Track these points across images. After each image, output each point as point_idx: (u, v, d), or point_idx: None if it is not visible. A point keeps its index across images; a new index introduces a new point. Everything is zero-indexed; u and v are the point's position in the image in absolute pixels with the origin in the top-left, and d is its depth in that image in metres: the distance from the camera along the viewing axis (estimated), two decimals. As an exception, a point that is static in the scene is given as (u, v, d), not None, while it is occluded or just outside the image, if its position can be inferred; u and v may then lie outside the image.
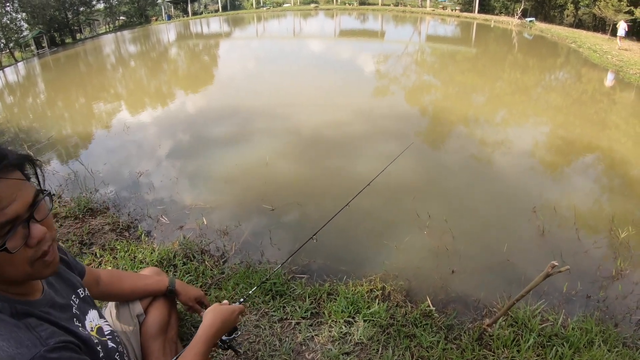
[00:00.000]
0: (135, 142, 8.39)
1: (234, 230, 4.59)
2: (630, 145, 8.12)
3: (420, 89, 13.24)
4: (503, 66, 16.73)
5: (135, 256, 4.04)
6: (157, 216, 5.07)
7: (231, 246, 4.23)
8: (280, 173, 6.35)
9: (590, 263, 4.21)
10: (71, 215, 4.92)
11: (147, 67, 20.25)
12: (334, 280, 3.55)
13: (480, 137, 8.26)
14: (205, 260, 3.95)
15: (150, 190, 5.91)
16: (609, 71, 15.47)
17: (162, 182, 6.16)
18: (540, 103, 11.27)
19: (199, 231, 4.57)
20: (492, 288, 3.59)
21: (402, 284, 3.46)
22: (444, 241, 4.29)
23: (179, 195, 5.69)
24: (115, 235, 4.71)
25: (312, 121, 8.97)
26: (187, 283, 2.69)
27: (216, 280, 3.61)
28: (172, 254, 4.05)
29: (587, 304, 3.68)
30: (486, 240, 4.52)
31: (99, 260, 4.02)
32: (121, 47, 31.75)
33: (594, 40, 21.01)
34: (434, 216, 4.79)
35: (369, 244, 4.38)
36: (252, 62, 18.92)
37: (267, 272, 3.53)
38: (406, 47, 21.79)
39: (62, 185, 6.18)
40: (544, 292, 3.64)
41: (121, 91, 14.76)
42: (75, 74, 20.72)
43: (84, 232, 4.53)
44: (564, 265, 2.30)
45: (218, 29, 38.19)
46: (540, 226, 4.68)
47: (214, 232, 4.56)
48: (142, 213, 5.23)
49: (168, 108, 11.33)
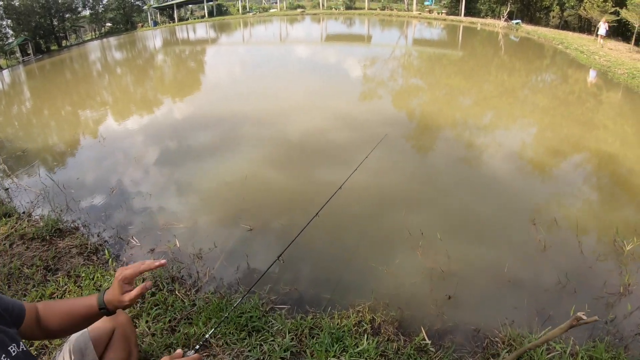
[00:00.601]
0: (111, 155, 7.97)
1: (209, 253, 4.20)
2: (633, 151, 7.75)
3: (407, 93, 12.97)
4: (491, 69, 16.57)
5: (100, 285, 3.69)
6: (128, 238, 4.67)
7: (205, 272, 3.84)
8: (260, 188, 5.95)
9: (596, 280, 3.90)
10: (38, 237, 4.58)
11: (131, 75, 19.78)
12: (317, 311, 3.18)
13: (472, 143, 7.93)
14: (176, 289, 3.57)
15: (122, 207, 5.51)
16: (596, 71, 15.37)
17: (135, 198, 5.76)
18: (531, 106, 11.03)
19: (170, 255, 4.18)
20: (493, 314, 3.26)
21: (393, 315, 3.10)
22: (439, 262, 3.92)
23: (152, 213, 5.29)
24: (83, 259, 4.37)
25: (297, 129, 8.61)
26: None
27: (186, 314, 3.23)
28: (139, 281, 3.69)
29: (595, 327, 3.37)
30: (484, 259, 4.17)
31: (62, 289, 3.67)
32: (107, 54, 31.22)
33: (581, 42, 21.02)
34: (427, 233, 4.43)
35: (355, 268, 3.99)
36: (237, 69, 18.54)
37: (242, 304, 3.16)
38: (393, 51, 21.60)
39: (33, 202, 5.80)
40: (549, 317, 3.32)
41: (103, 100, 14.27)
42: (59, 82, 20.14)
43: (49, 257, 4.19)
44: (589, 316, 1.97)
45: (204, 35, 37.79)
46: (541, 240, 4.35)
47: (187, 255, 4.17)
48: (112, 234, 4.84)
49: (149, 117, 10.91)
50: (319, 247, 4.19)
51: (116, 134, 9.40)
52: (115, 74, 20.29)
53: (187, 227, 4.79)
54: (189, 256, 4.14)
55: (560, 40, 21.87)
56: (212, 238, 4.43)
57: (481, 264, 4.06)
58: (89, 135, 9.60)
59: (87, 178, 6.82)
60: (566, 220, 4.86)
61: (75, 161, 7.94)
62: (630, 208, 5.57)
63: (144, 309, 3.37)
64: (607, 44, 20.22)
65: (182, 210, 5.34)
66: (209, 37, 35.90)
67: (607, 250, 4.37)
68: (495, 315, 3.24)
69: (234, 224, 4.81)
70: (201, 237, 4.54)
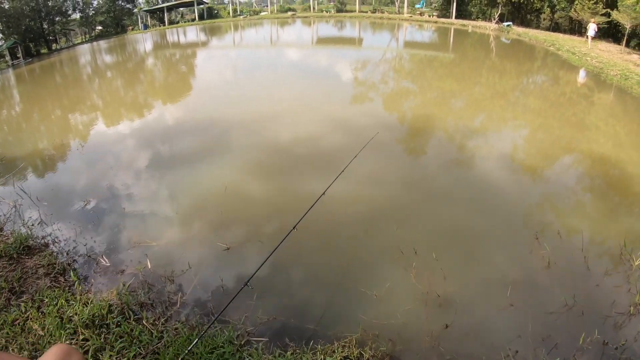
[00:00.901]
0: (89, 165, 7.57)
1: (182, 276, 3.83)
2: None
3: (398, 96, 12.67)
4: (482, 71, 16.34)
5: (64, 312, 3.38)
6: (98, 257, 4.30)
7: (176, 298, 3.48)
8: (241, 200, 5.53)
9: (604, 299, 3.61)
10: (6, 255, 4.36)
11: (120, 79, 19.30)
12: (299, 346, 2.83)
13: (467, 149, 7.58)
14: (144, 317, 3.22)
15: (95, 222, 5.14)
16: (587, 72, 15.20)
17: (110, 213, 5.39)
18: (526, 108, 10.76)
19: (141, 277, 3.81)
20: (495, 344, 2.94)
21: (383, 349, 2.76)
22: (434, 284, 3.55)
23: (125, 229, 4.91)
24: (49, 280, 4.13)
25: (283, 135, 8.25)
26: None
27: (153, 348, 2.88)
28: (105, 309, 3.34)
29: (604, 352, 3.07)
30: (484, 281, 3.81)
31: (25, 316, 3.43)
32: (97, 57, 30.71)
33: (572, 43, 20.90)
34: (421, 251, 4.03)
35: (342, 292, 3.62)
36: (226, 72, 18.16)
37: (215, 336, 2.80)
38: (384, 53, 21.34)
39: (5, 215, 5.47)
40: (555, 345, 3.01)
41: (89, 105, 13.76)
42: (49, 86, 19.50)
43: (15, 278, 3.97)
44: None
45: (195, 38, 37.34)
46: (545, 257, 4.02)
47: (158, 278, 3.80)
48: (82, 252, 4.48)
49: (132, 125, 10.47)
50: (302, 269, 3.84)
51: (97, 143, 8.99)
52: (105, 78, 19.82)
53: (160, 246, 4.41)
54: (160, 279, 3.77)
55: (551, 42, 21.75)
56: (186, 258, 4.05)
57: (481, 286, 3.70)
58: (69, 143, 9.18)
59: (63, 189, 6.45)
60: (571, 233, 4.54)
61: (53, 171, 7.55)
62: (638, 218, 5.26)
63: (108, 341, 3.03)
64: (598, 45, 20.11)
65: (156, 226, 4.96)
66: (200, 40, 35.47)
67: (614, 264, 4.07)
68: (497, 344, 2.93)
69: (210, 243, 4.43)
70: (175, 257, 4.16)
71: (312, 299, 3.49)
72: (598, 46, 19.96)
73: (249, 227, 4.79)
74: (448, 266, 3.80)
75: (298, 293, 3.56)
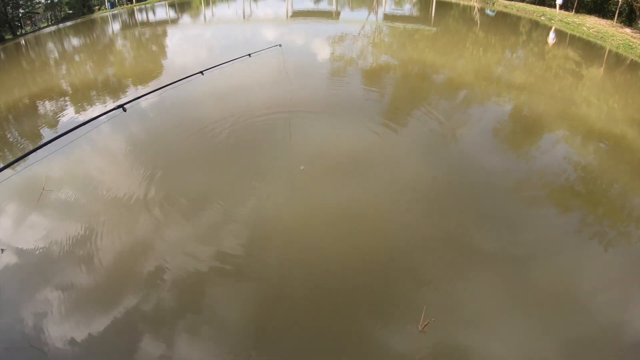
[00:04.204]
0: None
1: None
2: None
3: (378, 70, 11.49)
4: (492, 42, 15.21)
5: None
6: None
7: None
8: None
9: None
10: None
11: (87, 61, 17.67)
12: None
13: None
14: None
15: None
16: (590, 43, 14.46)
17: None
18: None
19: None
20: None
21: None
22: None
23: None
24: None
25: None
26: None
27: None
28: None
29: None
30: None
31: None
32: (63, 40, 28.75)
33: (560, 14, 19.93)
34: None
35: None
36: (193, 52, 16.67)
37: None
38: (362, 27, 19.99)
39: None
40: None
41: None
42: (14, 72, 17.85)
43: None
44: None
45: (164, 15, 35.33)
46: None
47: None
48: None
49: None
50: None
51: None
52: (72, 61, 18.14)
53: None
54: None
55: (542, 13, 20.65)
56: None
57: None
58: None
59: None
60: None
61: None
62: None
63: None
64: (587, 19, 19.19)
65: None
66: (169, 17, 33.50)
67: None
68: None
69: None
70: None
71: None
72: (587, 20, 19.00)
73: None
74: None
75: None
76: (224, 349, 4.52)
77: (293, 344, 4.57)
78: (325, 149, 7.94)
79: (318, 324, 4.80)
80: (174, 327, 4.75)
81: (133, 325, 4.81)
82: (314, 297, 5.07)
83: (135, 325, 4.81)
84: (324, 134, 8.49)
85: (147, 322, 4.85)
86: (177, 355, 4.49)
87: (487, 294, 5.06)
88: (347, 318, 4.79)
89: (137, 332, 4.75)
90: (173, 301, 5.07)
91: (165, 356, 4.44)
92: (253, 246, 5.83)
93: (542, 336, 4.47)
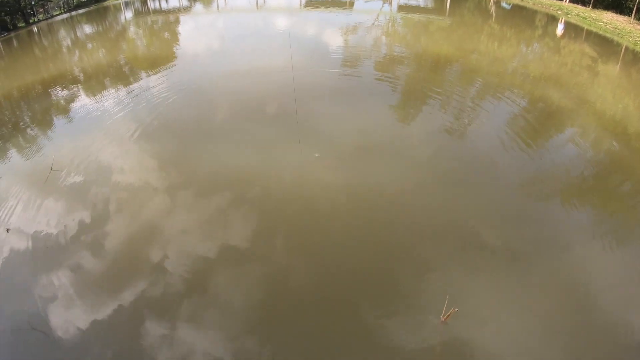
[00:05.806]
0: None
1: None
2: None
3: (390, 62, 11.45)
4: (506, 34, 15.05)
5: None
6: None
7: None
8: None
9: None
10: None
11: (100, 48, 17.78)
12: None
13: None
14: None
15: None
16: (607, 39, 14.23)
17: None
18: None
19: None
20: None
21: None
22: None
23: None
24: None
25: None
26: None
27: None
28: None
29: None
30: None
31: None
32: (76, 28, 28.90)
33: (577, 9, 19.59)
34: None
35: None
36: (204, 42, 16.68)
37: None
38: (377, 17, 19.83)
39: None
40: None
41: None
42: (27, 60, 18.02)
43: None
44: None
45: (177, 3, 35.32)
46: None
47: None
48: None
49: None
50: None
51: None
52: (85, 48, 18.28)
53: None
54: None
55: (559, 7, 20.28)
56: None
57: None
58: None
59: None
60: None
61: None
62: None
63: None
64: (604, 15, 18.83)
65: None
66: (182, 5, 33.47)
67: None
68: None
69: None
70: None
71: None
72: (604, 15, 18.63)
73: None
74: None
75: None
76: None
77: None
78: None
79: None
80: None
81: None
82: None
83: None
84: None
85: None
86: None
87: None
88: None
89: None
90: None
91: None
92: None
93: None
